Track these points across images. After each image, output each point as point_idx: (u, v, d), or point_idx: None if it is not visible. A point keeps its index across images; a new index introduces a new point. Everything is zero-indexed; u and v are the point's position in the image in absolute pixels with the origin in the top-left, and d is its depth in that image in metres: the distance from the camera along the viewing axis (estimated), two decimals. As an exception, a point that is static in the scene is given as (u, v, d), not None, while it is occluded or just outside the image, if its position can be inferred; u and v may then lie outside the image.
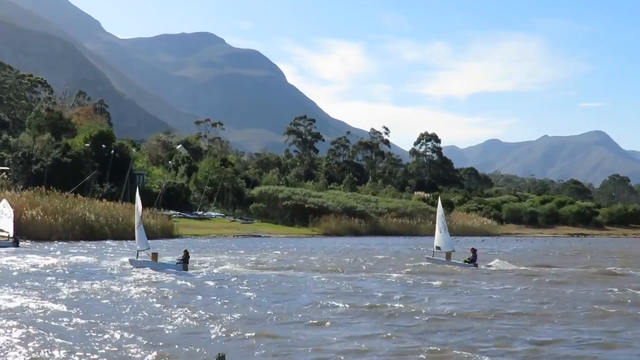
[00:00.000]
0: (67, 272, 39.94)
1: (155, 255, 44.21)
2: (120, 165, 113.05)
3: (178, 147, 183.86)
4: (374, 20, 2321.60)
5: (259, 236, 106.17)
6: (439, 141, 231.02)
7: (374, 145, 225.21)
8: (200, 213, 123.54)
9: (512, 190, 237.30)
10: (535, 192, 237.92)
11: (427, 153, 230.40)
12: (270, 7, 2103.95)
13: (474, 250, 49.67)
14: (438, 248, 51.07)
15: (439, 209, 53.80)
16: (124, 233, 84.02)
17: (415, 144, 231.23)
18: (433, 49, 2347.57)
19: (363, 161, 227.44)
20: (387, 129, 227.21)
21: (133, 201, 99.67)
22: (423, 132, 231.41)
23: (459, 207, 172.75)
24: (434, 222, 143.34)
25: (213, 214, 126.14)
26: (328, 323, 23.31)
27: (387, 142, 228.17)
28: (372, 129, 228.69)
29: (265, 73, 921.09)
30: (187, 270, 41.82)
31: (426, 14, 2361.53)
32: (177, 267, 42.20)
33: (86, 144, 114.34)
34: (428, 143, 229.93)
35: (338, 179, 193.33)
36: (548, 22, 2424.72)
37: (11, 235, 63.79)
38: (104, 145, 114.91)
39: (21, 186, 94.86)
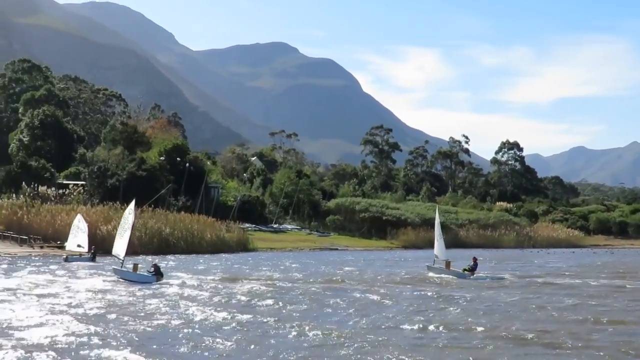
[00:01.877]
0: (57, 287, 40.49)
1: (135, 267, 46.92)
2: (195, 178, 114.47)
3: (253, 159, 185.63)
4: (452, 25, 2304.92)
5: (336, 249, 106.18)
6: (521, 149, 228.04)
7: (454, 154, 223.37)
8: (275, 226, 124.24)
9: (599, 200, 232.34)
10: (624, 202, 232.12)
11: (509, 162, 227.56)
12: (344, 15, 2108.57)
13: (475, 259, 51.90)
14: (437, 257, 54.31)
15: (437, 217, 57.61)
16: (198, 247, 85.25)
17: (497, 152, 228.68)
18: (514, 53, 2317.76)
19: (442, 171, 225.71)
20: (466, 137, 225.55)
21: (208, 214, 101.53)
22: (504, 140, 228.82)
23: (544, 217, 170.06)
24: (518, 234, 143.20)
25: (289, 226, 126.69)
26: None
27: (467, 151, 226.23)
28: (451, 137, 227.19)
29: (340, 82, 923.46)
30: (160, 280, 44.43)
31: (506, 17, 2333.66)
32: (151, 278, 44.54)
33: (161, 157, 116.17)
34: (510, 151, 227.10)
35: (416, 190, 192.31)
36: (635, 24, 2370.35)
37: (86, 250, 64.95)
38: (178, 159, 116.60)
39: (97, 200, 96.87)
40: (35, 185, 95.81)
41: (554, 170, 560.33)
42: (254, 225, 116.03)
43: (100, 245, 71.77)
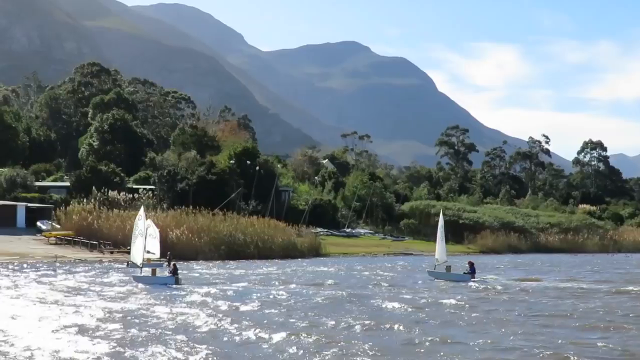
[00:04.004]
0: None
1: (154, 271, 50.31)
2: (265, 182, 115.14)
3: (324, 161, 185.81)
4: (532, 20, 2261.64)
5: (411, 254, 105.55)
6: (605, 149, 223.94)
7: (533, 155, 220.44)
8: (348, 230, 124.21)
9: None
10: None
11: (592, 162, 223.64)
12: (419, 11, 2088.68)
13: (471, 264, 55.09)
14: (437, 260, 56.52)
15: (440, 219, 58.88)
16: (269, 252, 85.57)
17: (579, 152, 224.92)
18: (598, 49, 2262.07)
19: (521, 173, 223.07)
20: (547, 137, 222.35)
21: (279, 219, 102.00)
22: (587, 139, 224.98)
23: (630, 221, 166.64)
24: (602, 238, 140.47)
25: (362, 231, 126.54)
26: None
27: (547, 152, 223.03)
28: (531, 137, 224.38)
29: (413, 81, 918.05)
30: (178, 282, 47.53)
31: (590, 11, 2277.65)
32: (169, 279, 47.98)
33: (231, 161, 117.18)
34: (593, 152, 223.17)
35: (494, 193, 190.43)
36: None
37: (158, 256, 65.40)
38: (248, 162, 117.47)
39: (166, 205, 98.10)
40: (105, 190, 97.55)
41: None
42: (326, 230, 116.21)
43: (170, 250, 72.49)
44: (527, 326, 28.90)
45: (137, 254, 50.97)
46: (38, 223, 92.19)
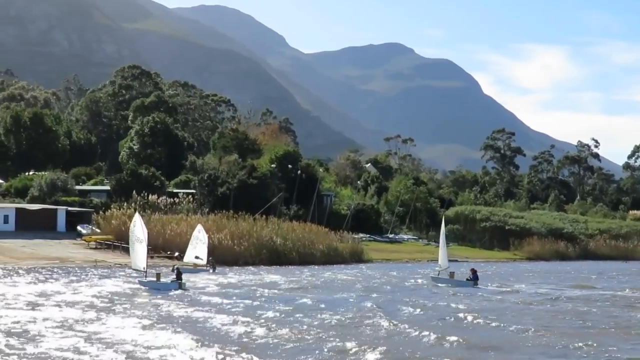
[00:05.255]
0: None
1: (158, 276, 51.74)
2: (307, 186, 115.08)
3: (367, 165, 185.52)
4: (580, 21, 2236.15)
5: (456, 260, 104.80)
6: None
7: (582, 159, 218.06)
8: (391, 236, 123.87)
9: None
10: None
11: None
12: (464, 12, 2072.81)
13: (474, 271, 57.43)
14: (440, 267, 59.18)
15: (442, 227, 62.91)
16: (311, 257, 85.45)
17: (630, 157, 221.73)
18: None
19: (570, 177, 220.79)
20: (596, 141, 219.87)
21: (321, 223, 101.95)
22: (638, 143, 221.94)
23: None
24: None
25: (405, 236, 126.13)
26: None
27: (596, 156, 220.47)
28: (580, 141, 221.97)
29: (458, 84, 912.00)
30: (182, 287, 49.38)
31: (638, 11, 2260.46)
32: (173, 285, 49.75)
33: (272, 165, 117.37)
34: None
35: (542, 198, 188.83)
36: None
37: (204, 262, 65.76)
38: (290, 166, 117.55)
39: (207, 209, 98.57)
40: (146, 193, 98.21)
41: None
42: (368, 235, 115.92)
43: (211, 255, 72.78)
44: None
45: (137, 259, 52.35)
46: (78, 227, 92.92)
